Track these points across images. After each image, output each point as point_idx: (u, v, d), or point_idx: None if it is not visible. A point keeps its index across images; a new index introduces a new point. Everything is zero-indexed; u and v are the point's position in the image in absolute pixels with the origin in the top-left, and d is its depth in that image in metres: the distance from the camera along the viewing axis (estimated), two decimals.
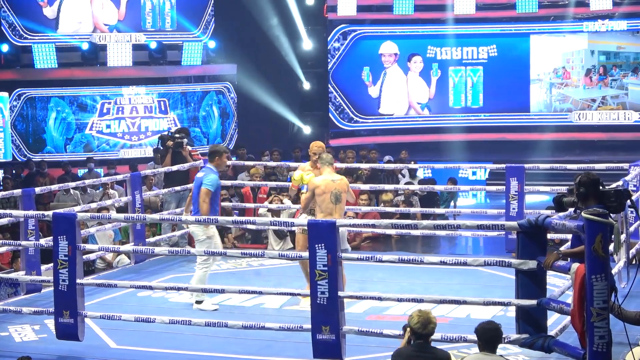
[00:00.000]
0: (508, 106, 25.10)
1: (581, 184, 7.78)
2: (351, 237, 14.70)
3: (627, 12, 24.21)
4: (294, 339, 9.16)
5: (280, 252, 12.43)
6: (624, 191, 7.84)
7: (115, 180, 16.18)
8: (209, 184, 10.85)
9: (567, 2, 24.59)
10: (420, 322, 6.76)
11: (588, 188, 7.74)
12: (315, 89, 26.00)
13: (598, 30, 24.41)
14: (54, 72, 22.72)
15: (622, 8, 24.16)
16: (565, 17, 24.72)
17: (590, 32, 24.50)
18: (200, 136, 24.02)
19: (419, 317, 6.79)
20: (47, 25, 22.53)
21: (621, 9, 24.18)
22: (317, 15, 25.84)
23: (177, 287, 10.01)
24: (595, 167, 13.19)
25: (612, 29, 24.31)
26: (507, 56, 25.20)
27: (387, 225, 9.12)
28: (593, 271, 7.38)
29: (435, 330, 7.09)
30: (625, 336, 8.22)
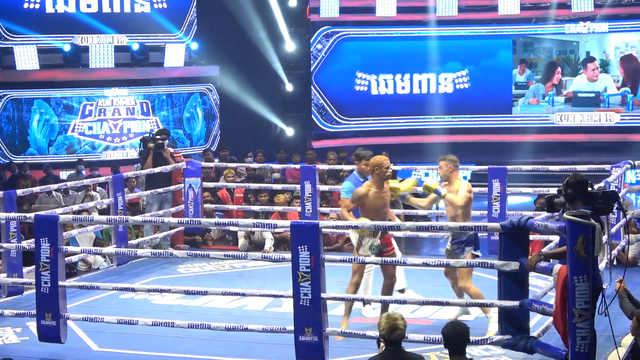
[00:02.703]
0: (490, 108, 25.15)
1: (569, 186, 7.76)
2: (333, 239, 14.72)
3: (608, 14, 24.32)
4: (276, 341, 9.16)
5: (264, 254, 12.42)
6: (612, 193, 7.82)
7: (98, 182, 16.13)
8: (344, 191, 10.62)
9: (548, 4, 24.67)
10: (386, 329, 6.64)
11: (576, 189, 7.73)
12: (297, 90, 25.98)
13: (579, 32, 24.50)
14: (36, 73, 22.63)
15: (603, 10, 24.26)
16: (547, 19, 24.80)
17: (572, 34, 24.59)
18: (183, 138, 23.99)
19: (386, 323, 6.66)
20: (29, 27, 22.43)
21: (602, 11, 24.27)
22: (300, 17, 25.83)
23: (159, 289, 9.99)
24: (577, 168, 13.24)
25: (594, 31, 24.41)
26: (489, 58, 25.25)
27: (370, 226, 9.12)
28: (575, 272, 7.41)
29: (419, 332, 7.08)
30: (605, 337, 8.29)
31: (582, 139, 24.75)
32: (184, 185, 14.60)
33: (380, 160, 9.91)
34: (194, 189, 14.53)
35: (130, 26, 23.34)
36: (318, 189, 14.14)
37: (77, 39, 22.75)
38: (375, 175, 9.90)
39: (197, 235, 14.99)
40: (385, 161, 9.93)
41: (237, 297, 10.96)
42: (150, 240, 14.10)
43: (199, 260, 13.46)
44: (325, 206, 14.83)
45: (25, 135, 22.22)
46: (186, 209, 14.52)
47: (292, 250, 8.60)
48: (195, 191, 14.53)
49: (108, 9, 23.09)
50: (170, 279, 12.50)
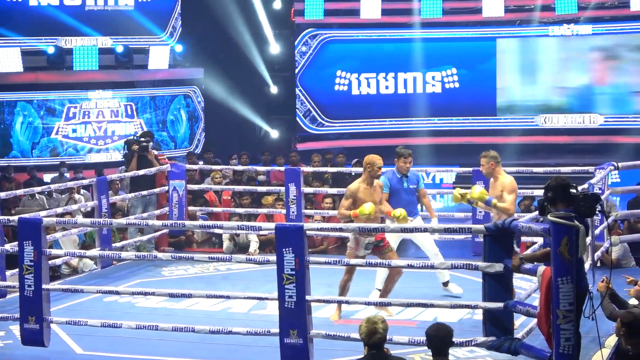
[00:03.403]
0: (475, 110, 25.20)
1: (549, 188, 7.80)
2: (318, 241, 14.71)
3: (592, 17, 24.41)
4: (261, 344, 9.15)
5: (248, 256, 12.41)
6: (593, 195, 7.86)
7: (82, 185, 16.09)
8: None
9: (532, 7, 24.73)
10: (365, 333, 6.61)
11: (556, 192, 7.76)
12: (282, 92, 25.98)
13: (564, 34, 24.58)
14: (20, 76, 22.55)
15: (587, 12, 24.35)
16: (531, 21, 24.86)
17: (555, 36, 24.68)
18: (167, 140, 23.95)
19: (366, 327, 6.63)
20: (13, 29, 22.35)
21: (586, 13, 24.36)
22: (284, 19, 25.83)
23: (143, 292, 9.96)
24: (562, 170, 13.28)
25: (578, 33, 24.49)
26: (473, 60, 25.30)
27: (354, 228, 9.13)
28: (559, 274, 7.42)
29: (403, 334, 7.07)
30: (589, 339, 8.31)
31: (566, 141, 24.81)
32: (168, 188, 14.58)
33: (373, 159, 10.32)
34: (178, 192, 14.51)
35: (114, 28, 23.29)
36: (303, 191, 14.13)
37: (61, 41, 22.69)
38: (367, 172, 10.30)
39: (181, 236, 14.97)
40: (377, 161, 10.32)
41: (222, 300, 10.95)
42: (134, 242, 14.07)
43: (184, 263, 13.43)
44: (309, 208, 14.83)
45: (8, 138, 22.14)
46: (170, 211, 14.50)
47: (277, 253, 8.59)
48: (180, 194, 14.51)
49: (92, 2, 23.01)
50: (155, 281, 12.48)
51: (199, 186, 15.81)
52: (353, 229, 9.23)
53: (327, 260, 9.29)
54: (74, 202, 15.58)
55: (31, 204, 16.48)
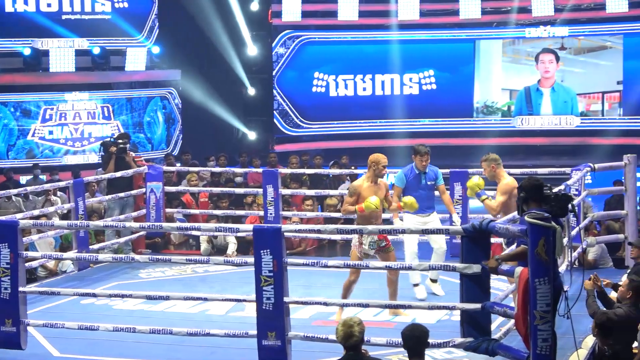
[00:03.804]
0: (452, 111, 25.26)
1: (522, 188, 8.04)
2: (296, 243, 14.70)
3: (568, 19, 24.52)
4: (239, 346, 9.14)
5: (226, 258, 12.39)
6: (564, 195, 7.98)
7: (58, 187, 16.00)
8: (395, 180, 11.46)
9: (509, 9, 24.82)
10: (342, 336, 6.62)
11: (528, 192, 7.96)
12: (260, 94, 25.96)
13: (540, 36, 24.68)
14: None
15: (563, 14, 24.46)
16: (508, 23, 24.95)
17: (532, 38, 24.78)
18: (144, 142, 23.87)
19: (342, 330, 6.63)
20: None
21: (562, 15, 24.48)
22: (262, 20, 25.80)
23: (121, 294, 9.93)
24: (538, 171, 13.33)
25: (554, 35, 24.60)
26: (450, 62, 25.36)
27: (332, 230, 9.13)
28: (536, 275, 7.45)
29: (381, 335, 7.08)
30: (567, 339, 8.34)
31: (543, 142, 24.92)
32: (145, 190, 14.53)
33: (378, 158, 10.56)
34: (156, 194, 14.47)
35: (91, 30, 23.19)
36: (280, 193, 14.12)
37: (38, 42, 22.57)
38: (371, 170, 10.54)
39: (157, 238, 14.93)
40: (382, 159, 10.57)
41: (199, 302, 10.92)
42: (111, 245, 14.01)
43: (161, 265, 13.40)
44: (287, 210, 14.82)
45: None
46: (148, 213, 14.45)
47: (255, 254, 8.58)
48: (157, 195, 14.47)
49: (68, 7, 22.92)
50: (132, 284, 12.45)
51: (176, 188, 15.77)
52: (331, 231, 9.21)
53: (305, 261, 9.27)
54: (50, 204, 15.50)
55: (7, 205, 16.39)
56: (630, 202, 13.01)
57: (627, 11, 24.01)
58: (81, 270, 13.26)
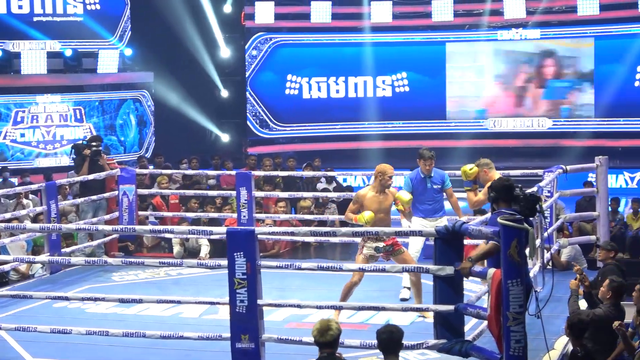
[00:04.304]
0: (425, 114, 25.33)
1: (492, 189, 8.20)
2: (269, 246, 14.69)
3: (540, 21, 24.65)
4: (213, 348, 9.12)
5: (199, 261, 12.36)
6: (532, 196, 8.09)
7: (30, 190, 15.91)
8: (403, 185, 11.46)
9: (481, 11, 24.92)
10: (318, 330, 6.63)
11: (498, 192, 8.13)
12: (233, 96, 25.94)
13: (512, 38, 24.80)
14: None
15: (535, 17, 24.58)
16: (479, 25, 25.05)
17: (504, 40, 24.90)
18: (117, 145, 23.78)
19: (319, 324, 6.64)
20: None
21: (534, 17, 24.60)
22: (235, 23, 25.79)
23: (93, 297, 9.89)
24: (511, 173, 13.37)
25: (526, 37, 24.72)
26: (423, 64, 25.43)
27: (305, 232, 9.13)
28: (509, 276, 7.48)
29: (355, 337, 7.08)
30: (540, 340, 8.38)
31: (515, 144, 25.03)
32: (118, 193, 14.47)
33: (385, 168, 10.52)
34: (129, 196, 14.41)
35: (63, 32, 23.09)
36: (254, 195, 14.10)
37: (9, 44, 22.44)
38: (377, 180, 10.51)
39: (128, 242, 14.88)
40: (389, 170, 10.53)
41: (173, 305, 10.89)
42: (84, 248, 13.95)
43: (134, 268, 13.35)
44: (259, 212, 14.79)
45: None
46: (120, 216, 14.39)
47: (228, 257, 8.56)
48: (130, 198, 14.41)
49: (40, 9, 22.81)
50: (105, 287, 12.39)
51: (148, 190, 15.72)
52: (305, 233, 9.22)
53: (279, 264, 9.26)
54: (22, 207, 15.39)
55: None
56: (602, 203, 13.08)
57: (598, 14, 24.16)
58: (53, 274, 13.19)
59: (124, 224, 14.07)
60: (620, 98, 24.10)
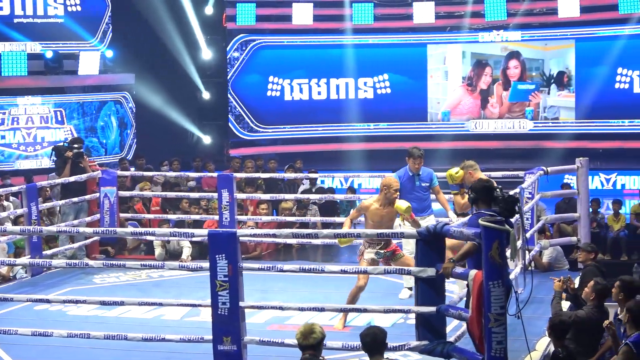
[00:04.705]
0: (406, 115, 25.37)
1: (472, 189, 8.31)
2: (251, 248, 14.68)
3: (520, 23, 24.73)
4: (195, 351, 9.11)
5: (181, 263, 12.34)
6: (510, 197, 8.15)
7: (11, 192, 15.84)
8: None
9: (462, 13, 24.98)
10: (301, 332, 6.63)
11: (477, 193, 8.23)
12: (214, 98, 25.91)
13: (493, 40, 24.87)
14: None
15: (516, 19, 24.66)
16: (461, 27, 25.11)
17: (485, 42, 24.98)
18: (98, 147, 23.71)
19: (303, 327, 6.64)
20: None
21: (515, 19, 24.67)
22: (216, 24, 25.75)
23: (75, 299, 9.85)
24: (492, 174, 13.38)
25: (507, 39, 24.80)
26: (404, 66, 25.47)
27: (287, 234, 9.13)
28: (490, 277, 7.50)
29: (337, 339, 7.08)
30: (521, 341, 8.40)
31: (496, 146, 25.09)
32: (99, 195, 14.43)
33: (390, 181, 10.46)
34: (110, 198, 14.37)
35: (44, 33, 23.00)
36: (236, 197, 14.09)
37: None
38: (383, 194, 10.41)
39: (109, 247, 14.83)
40: (394, 184, 10.45)
41: (154, 307, 10.86)
42: (65, 250, 13.90)
43: (115, 271, 13.32)
44: (240, 214, 14.78)
45: None
46: (102, 218, 14.35)
47: (210, 259, 8.56)
48: (111, 200, 14.37)
49: (21, 11, 22.73)
50: (86, 289, 12.36)
51: (130, 193, 15.67)
52: (287, 235, 9.22)
53: (261, 266, 9.26)
54: (2, 210, 15.33)
55: None
56: (583, 205, 13.14)
57: (578, 16, 24.26)
58: (34, 276, 13.14)
59: (106, 226, 14.04)
60: (601, 100, 24.21)
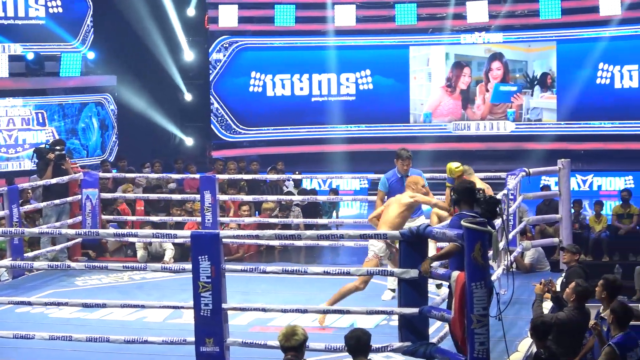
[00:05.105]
0: (388, 117, 25.41)
1: (454, 191, 8.33)
2: (234, 249, 14.67)
3: (502, 25, 24.81)
4: (177, 353, 9.09)
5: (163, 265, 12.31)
6: (492, 198, 8.21)
7: None
8: (379, 185, 11.58)
9: (444, 15, 25.03)
10: (284, 334, 6.62)
11: (459, 194, 8.26)
12: (196, 100, 25.87)
13: (475, 42, 24.94)
14: None
15: (497, 21, 24.74)
16: (443, 29, 25.16)
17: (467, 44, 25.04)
18: (79, 148, 23.63)
19: (285, 329, 6.63)
20: None
21: (497, 21, 24.75)
22: (198, 26, 25.71)
23: (57, 302, 9.81)
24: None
25: (489, 41, 24.87)
26: (386, 67, 25.52)
27: (270, 235, 9.12)
28: (473, 279, 7.51)
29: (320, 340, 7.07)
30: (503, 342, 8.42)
31: (478, 147, 25.14)
32: (81, 197, 14.38)
33: (417, 179, 10.78)
34: (92, 200, 14.33)
35: (25, 35, 22.92)
36: (218, 199, 14.07)
37: None
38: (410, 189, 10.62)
39: (90, 249, 14.79)
40: (420, 180, 10.81)
41: (137, 309, 10.83)
42: (47, 252, 13.84)
43: (97, 273, 13.27)
44: (222, 216, 14.76)
45: None
46: (84, 220, 14.31)
47: (193, 261, 8.54)
48: (93, 202, 14.33)
49: (1, 12, 22.64)
50: (68, 291, 12.31)
51: (112, 195, 15.63)
52: (269, 236, 9.21)
53: (244, 267, 9.25)
54: None
55: None
56: (565, 206, 13.18)
57: (560, 18, 24.37)
58: (16, 278, 13.08)
59: (87, 228, 13.99)
60: (583, 101, 24.32)
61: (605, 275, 8.98)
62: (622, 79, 24.33)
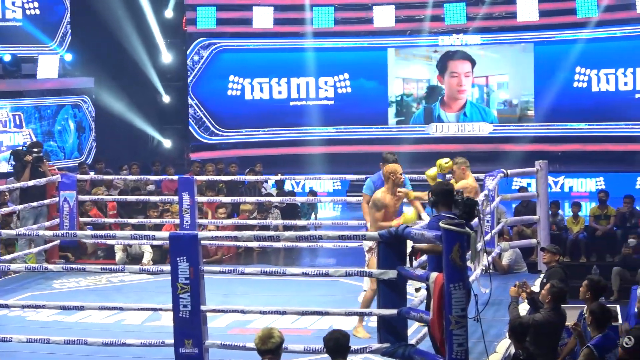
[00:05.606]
0: (367, 119, 25.46)
1: (432, 192, 8.28)
2: (212, 251, 14.64)
3: (480, 27, 24.91)
4: (156, 355, 9.06)
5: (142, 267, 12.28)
6: (469, 200, 8.22)
7: None
8: (364, 188, 11.47)
9: (422, 17, 25.10)
10: (260, 337, 6.60)
11: (437, 196, 8.22)
12: (174, 102, 25.82)
13: (453, 44, 25.02)
14: None
15: (475, 23, 24.83)
16: (421, 31, 25.24)
17: (445, 46, 25.12)
18: (56, 150, 23.54)
19: (261, 332, 6.61)
20: None
21: (475, 24, 24.84)
22: (176, 28, 25.69)
23: (34, 304, 9.77)
24: None
25: (467, 43, 24.95)
26: (365, 69, 25.56)
27: (249, 237, 9.11)
28: (451, 280, 7.52)
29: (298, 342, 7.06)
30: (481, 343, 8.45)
31: (456, 148, 25.15)
32: (58, 199, 14.32)
33: (395, 167, 10.32)
34: (69, 202, 14.26)
35: (2, 37, 22.81)
36: (196, 201, 14.04)
37: None
38: (390, 181, 10.22)
39: (69, 252, 14.73)
40: (399, 168, 10.35)
41: (115, 312, 10.80)
42: (24, 255, 13.77)
43: (75, 275, 13.21)
44: (200, 218, 14.73)
45: None
46: (61, 222, 14.24)
47: (171, 262, 8.53)
48: (71, 204, 14.26)
49: None
50: (46, 294, 12.24)
51: (90, 197, 15.58)
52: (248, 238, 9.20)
53: (223, 269, 9.24)
54: None
55: None
56: (542, 207, 13.24)
57: (537, 20, 24.48)
58: None
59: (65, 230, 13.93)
60: (560, 103, 24.44)
61: (590, 276, 9.02)
62: (599, 82, 24.47)
